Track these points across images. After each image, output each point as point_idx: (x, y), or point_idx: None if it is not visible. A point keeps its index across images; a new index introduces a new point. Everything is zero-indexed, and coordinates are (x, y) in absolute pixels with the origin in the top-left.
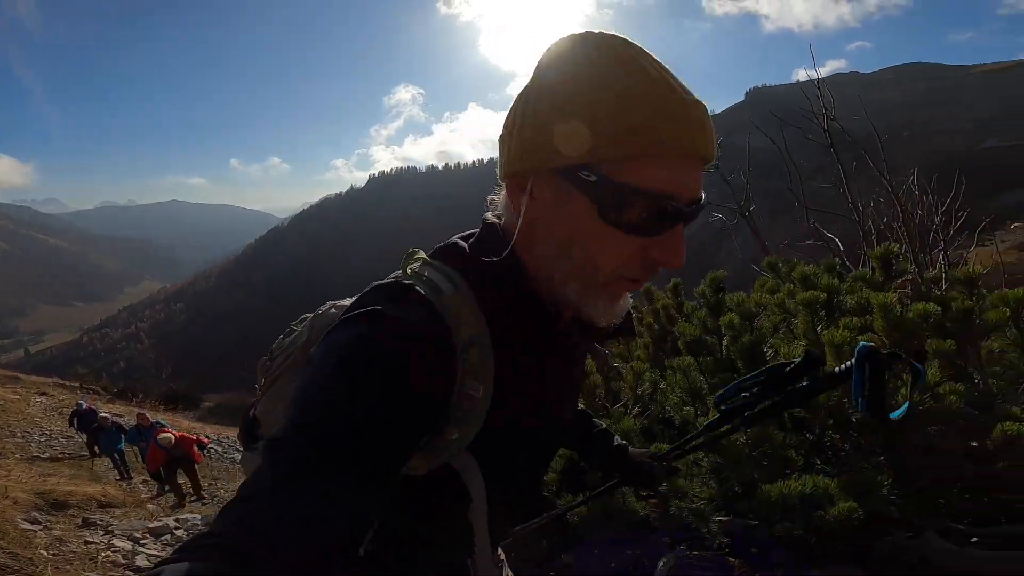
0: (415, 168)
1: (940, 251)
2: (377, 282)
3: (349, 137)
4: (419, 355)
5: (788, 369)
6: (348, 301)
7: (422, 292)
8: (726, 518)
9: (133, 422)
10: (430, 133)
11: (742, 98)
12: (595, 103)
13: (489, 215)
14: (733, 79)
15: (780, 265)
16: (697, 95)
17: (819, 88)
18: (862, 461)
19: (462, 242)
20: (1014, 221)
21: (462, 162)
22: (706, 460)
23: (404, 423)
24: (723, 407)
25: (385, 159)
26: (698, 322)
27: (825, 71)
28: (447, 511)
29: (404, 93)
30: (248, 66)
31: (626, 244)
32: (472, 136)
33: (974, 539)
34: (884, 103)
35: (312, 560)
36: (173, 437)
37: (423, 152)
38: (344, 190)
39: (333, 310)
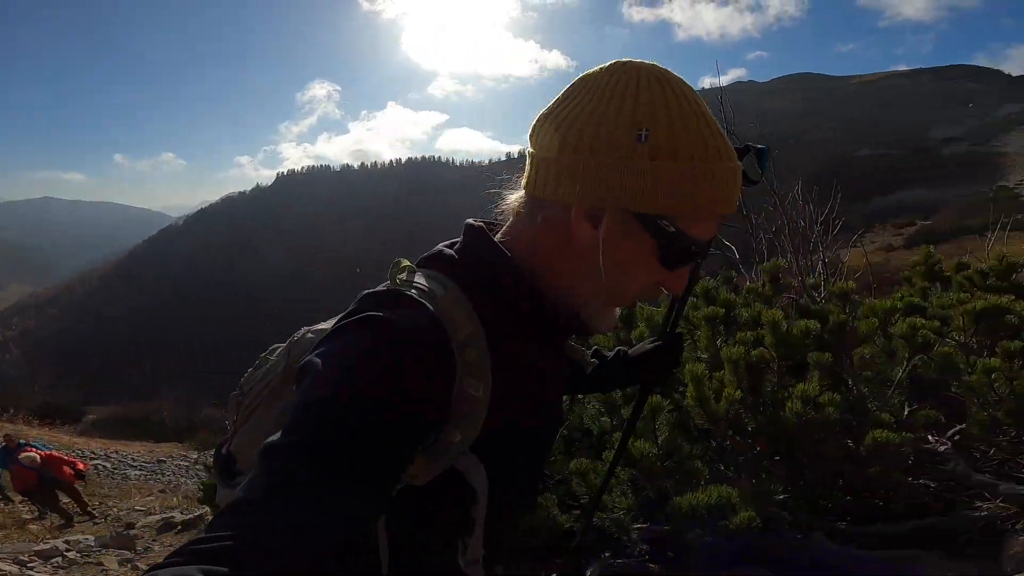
0: (329, 167)
1: (820, 259)
2: (366, 291)
3: (255, 133)
4: (417, 357)
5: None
6: (325, 325)
7: (414, 296)
8: (643, 525)
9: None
10: (346, 131)
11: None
12: (683, 170)
13: (472, 220)
14: None
15: None
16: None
17: (721, 100)
18: (759, 466)
19: (448, 249)
20: (882, 224)
21: (380, 161)
22: (623, 472)
23: (403, 427)
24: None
25: (296, 156)
26: (612, 336)
27: (727, 79)
28: (447, 516)
29: (319, 89)
30: (137, 54)
31: (654, 276)
32: (391, 135)
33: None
34: (775, 112)
35: (306, 566)
36: (38, 456)
37: (337, 150)
38: (249, 188)
39: (310, 335)
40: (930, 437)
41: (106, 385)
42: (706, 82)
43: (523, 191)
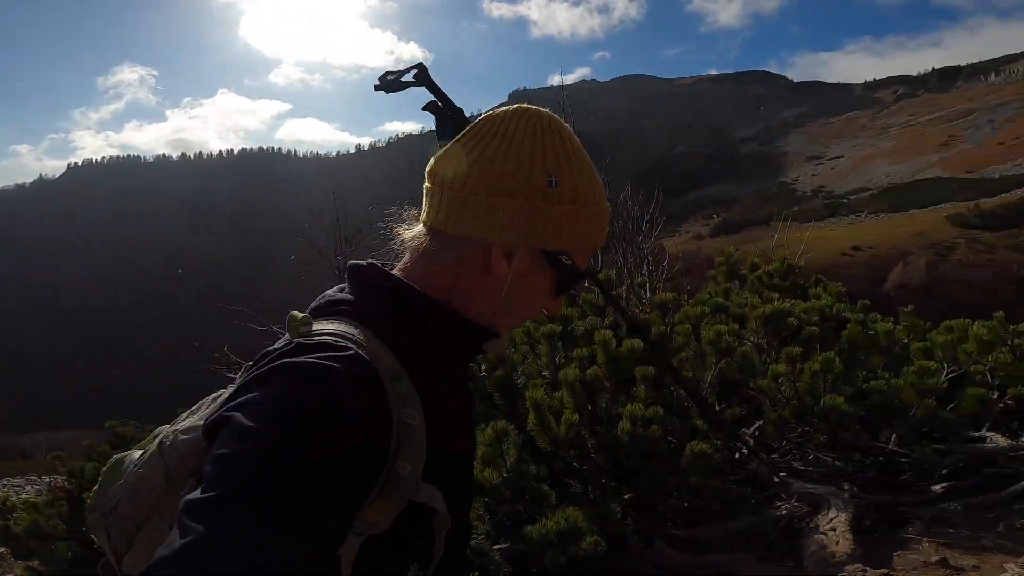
0: (139, 157)
1: (647, 254)
2: (269, 351)
3: (39, 120)
4: (353, 393)
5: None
6: (192, 421)
7: (331, 340)
8: (505, 546)
9: None
10: (163, 119)
11: (506, 99)
12: (582, 213)
13: (362, 262)
14: (500, 80)
15: None
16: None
17: (563, 99)
18: (601, 482)
19: (339, 295)
20: (695, 215)
21: (206, 152)
22: (479, 502)
23: (352, 465)
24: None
25: (94, 146)
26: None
27: (574, 77)
28: (412, 551)
29: (128, 73)
30: None
31: (548, 302)
32: (220, 124)
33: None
34: (612, 110)
35: None
36: None
37: (150, 139)
38: (30, 180)
39: (183, 436)
40: (741, 433)
41: None
42: (555, 79)
43: (422, 226)
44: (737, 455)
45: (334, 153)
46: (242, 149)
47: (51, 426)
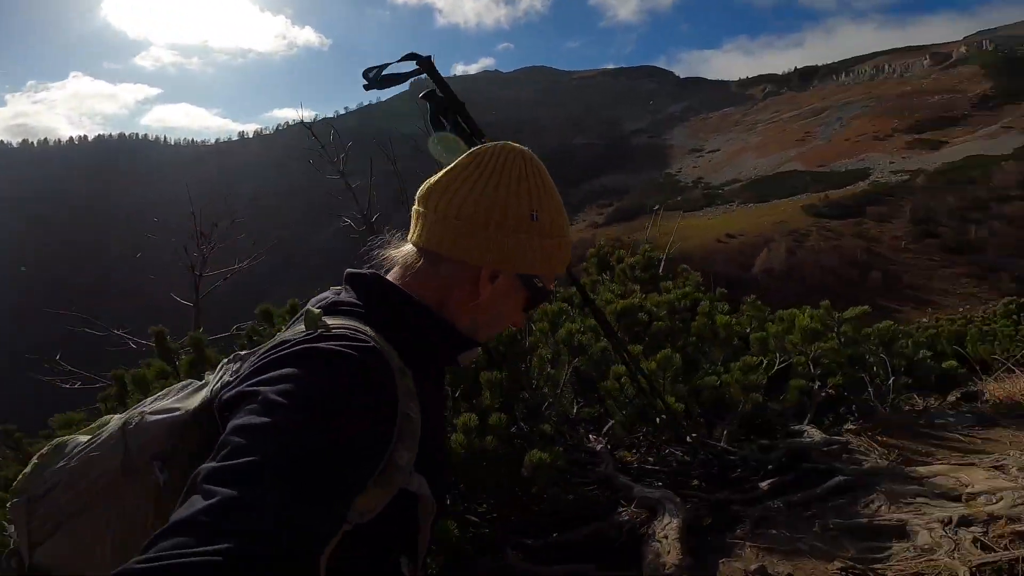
0: None
1: None
2: (285, 338)
3: None
4: (372, 381)
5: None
6: (168, 402)
7: (351, 332)
8: None
9: None
10: (1, 104)
11: (407, 87)
12: (555, 244)
13: (364, 271)
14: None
15: None
16: None
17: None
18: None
19: (345, 297)
20: (591, 204)
21: (55, 138)
22: None
23: (365, 447)
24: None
25: None
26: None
27: (477, 67)
28: (396, 536)
29: None
30: None
31: (517, 318)
32: (72, 109)
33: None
34: (515, 101)
35: None
36: None
37: None
38: None
39: (151, 418)
40: (590, 436)
41: None
42: (459, 69)
43: (411, 245)
44: (589, 457)
45: (212, 140)
46: (98, 136)
47: None
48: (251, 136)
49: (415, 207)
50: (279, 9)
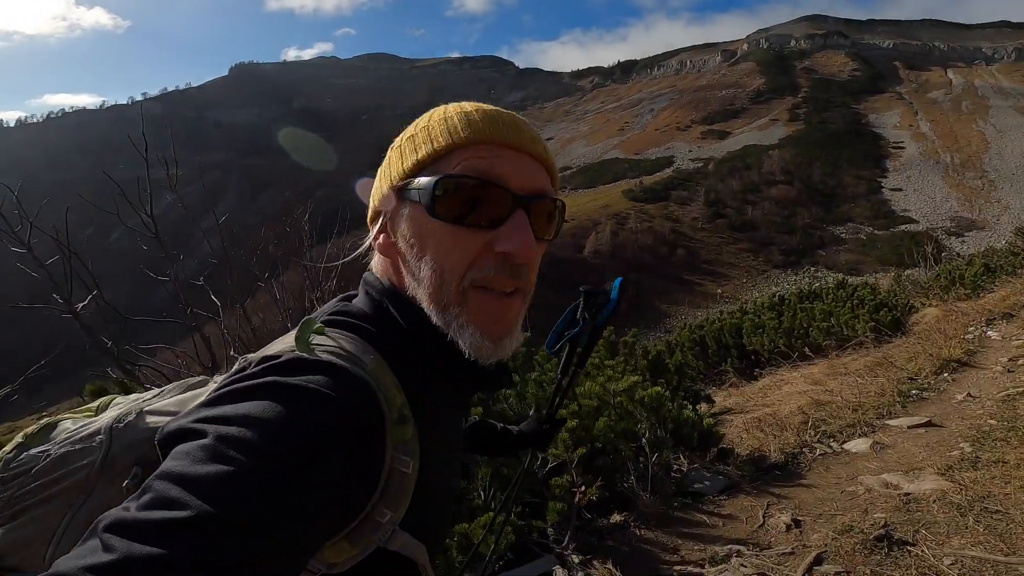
0: None
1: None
2: (266, 356)
3: None
4: (347, 430)
5: (593, 294)
6: (165, 402)
7: (340, 363)
8: None
9: None
10: None
11: (226, 72)
12: (416, 132)
13: (380, 278)
14: (222, 52)
15: None
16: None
17: (289, 73)
18: None
19: (354, 306)
20: None
21: None
22: None
23: (320, 514)
24: (560, 344)
25: None
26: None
27: (314, 52)
28: None
29: None
30: None
31: (468, 241)
32: None
33: None
34: (355, 88)
35: None
36: None
37: None
38: None
39: (150, 419)
40: None
41: None
42: (291, 54)
43: None
44: None
45: None
46: None
47: None
48: (12, 124)
49: None
50: None
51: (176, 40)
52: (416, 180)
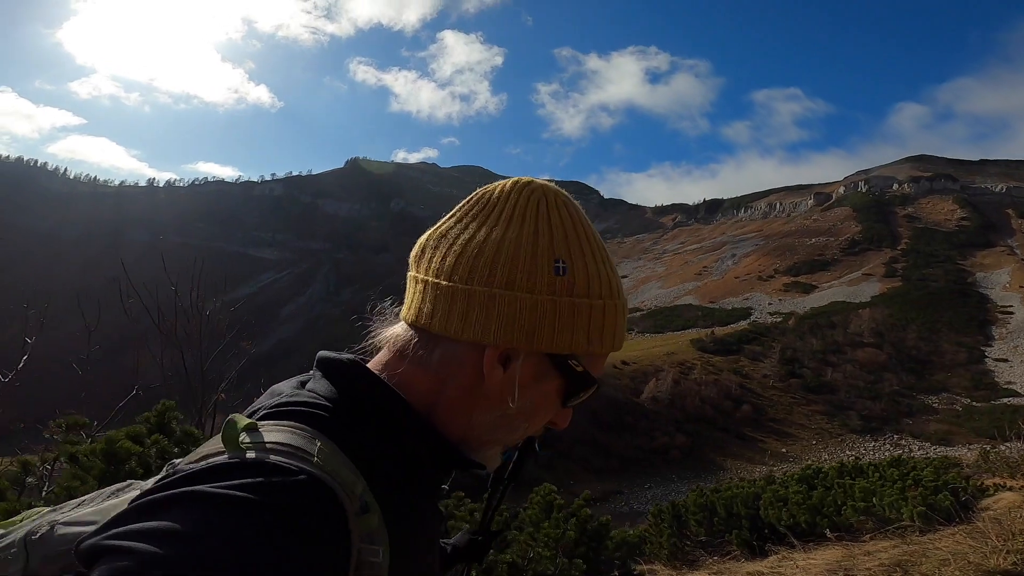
0: None
1: None
2: (178, 464)
3: None
4: (292, 541)
5: None
6: (78, 513)
7: (276, 458)
8: None
9: None
10: None
11: (341, 164)
12: (595, 307)
13: (330, 353)
14: (342, 143)
15: None
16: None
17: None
18: None
19: (306, 395)
20: None
21: None
22: None
23: None
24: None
25: None
26: None
27: (418, 156)
28: None
29: None
30: None
31: (554, 416)
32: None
33: None
34: (447, 197)
35: None
36: None
37: None
38: None
39: (64, 530)
40: None
41: None
42: (400, 155)
43: (404, 322)
44: None
45: (117, 182)
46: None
47: None
48: (161, 185)
49: (410, 271)
50: (240, 62)
51: (311, 125)
52: (578, 365)
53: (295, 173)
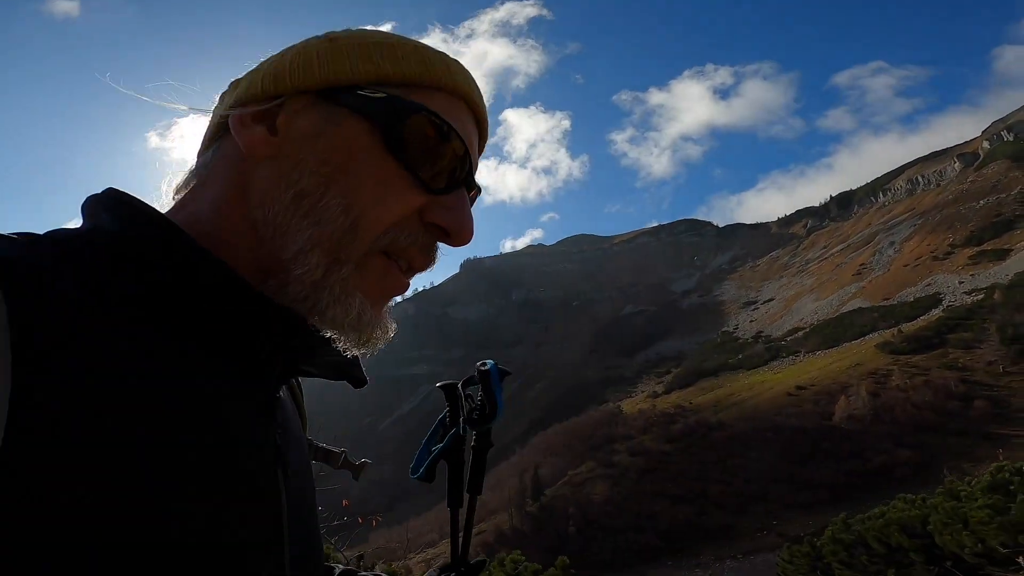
0: None
1: None
2: None
3: None
4: None
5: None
6: None
7: None
8: None
9: None
10: None
11: (458, 269)
12: (373, 41)
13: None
14: (454, 252)
15: None
16: None
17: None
18: None
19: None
20: (647, 374)
21: None
22: None
23: None
24: (428, 463)
25: None
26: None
27: (526, 241)
28: None
29: None
30: None
31: (408, 194)
32: None
33: None
34: (563, 272)
35: None
36: None
37: None
38: None
39: None
40: None
41: None
42: (507, 244)
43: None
44: None
45: None
46: None
47: None
48: None
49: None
50: None
51: None
52: (380, 90)
53: (420, 289)
